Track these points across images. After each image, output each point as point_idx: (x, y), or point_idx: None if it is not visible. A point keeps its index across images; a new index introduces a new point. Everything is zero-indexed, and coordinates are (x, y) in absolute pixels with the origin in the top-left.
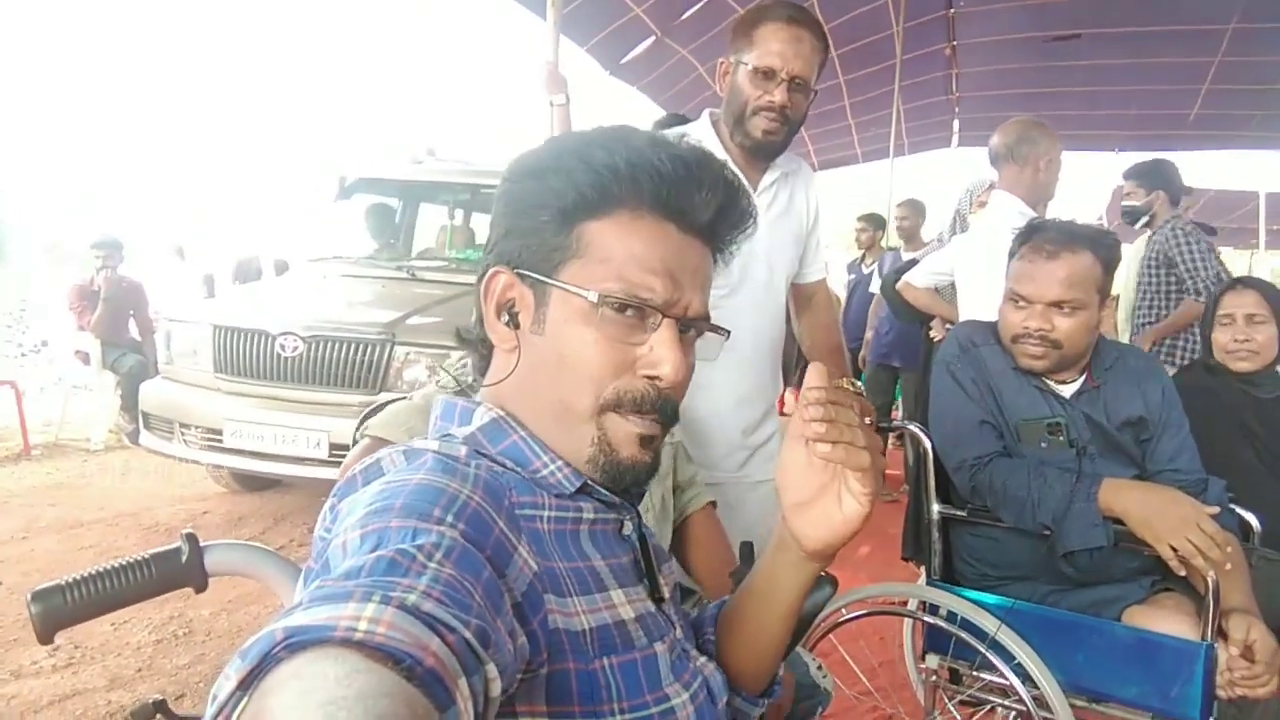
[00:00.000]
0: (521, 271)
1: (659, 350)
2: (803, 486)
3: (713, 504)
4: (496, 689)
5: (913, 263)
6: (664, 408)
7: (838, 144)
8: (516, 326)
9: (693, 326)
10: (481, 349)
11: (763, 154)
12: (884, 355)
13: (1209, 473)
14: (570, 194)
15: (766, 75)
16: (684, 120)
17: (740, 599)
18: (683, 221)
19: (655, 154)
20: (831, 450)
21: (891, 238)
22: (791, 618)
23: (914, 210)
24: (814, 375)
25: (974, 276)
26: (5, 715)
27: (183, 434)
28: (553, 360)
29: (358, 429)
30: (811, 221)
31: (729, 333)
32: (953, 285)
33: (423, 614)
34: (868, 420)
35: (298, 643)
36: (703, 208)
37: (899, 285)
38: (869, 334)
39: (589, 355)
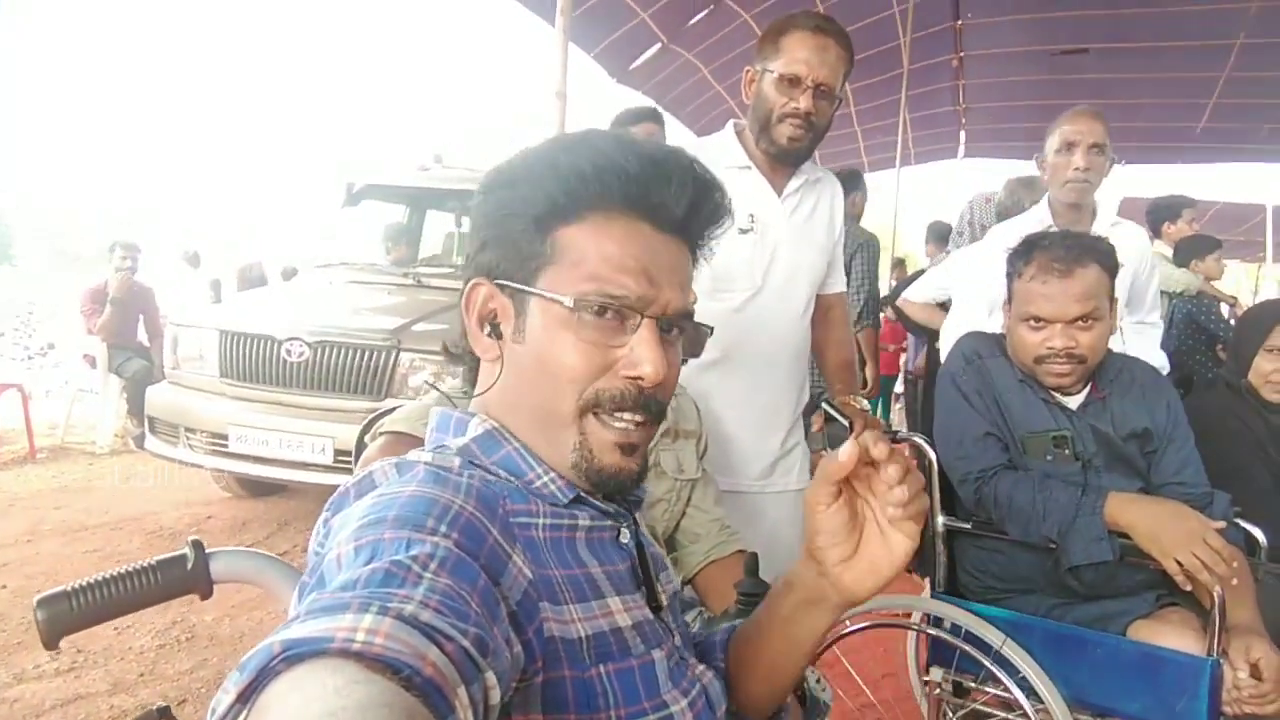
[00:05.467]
0: (501, 282)
1: (639, 350)
2: (846, 543)
3: (740, 552)
4: (495, 696)
5: (919, 274)
6: (647, 405)
7: (843, 151)
8: (499, 337)
9: (675, 326)
10: (469, 361)
11: (788, 160)
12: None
13: (1220, 487)
14: (541, 201)
15: (792, 83)
16: (650, 114)
17: (759, 642)
18: (656, 219)
19: (621, 154)
20: (913, 511)
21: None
22: (812, 655)
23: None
24: (877, 440)
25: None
26: (9, 719)
27: (188, 438)
28: (534, 367)
29: (365, 433)
30: (837, 233)
31: (712, 329)
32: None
33: (420, 623)
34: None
35: (295, 654)
36: (674, 203)
37: (899, 301)
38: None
39: (568, 359)
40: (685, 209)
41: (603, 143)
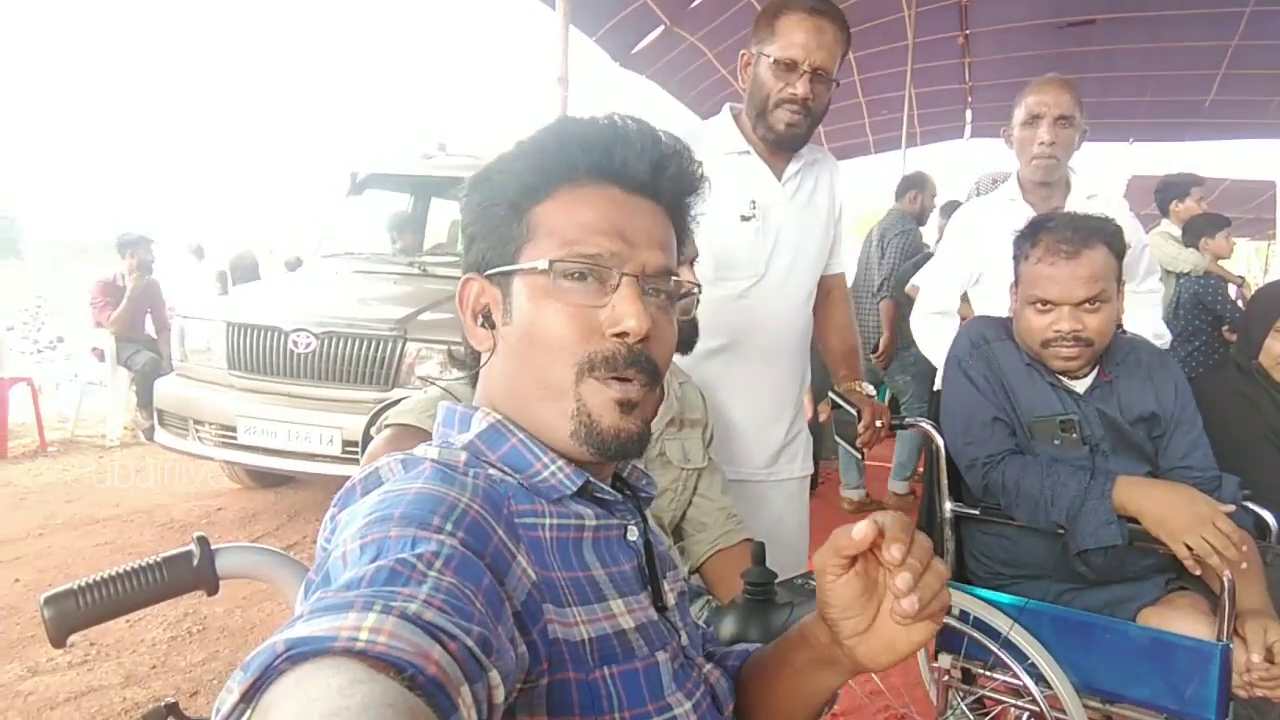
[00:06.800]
0: (489, 272)
1: (620, 306)
2: (861, 616)
3: (747, 540)
4: (500, 696)
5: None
6: (638, 362)
7: (849, 128)
8: (493, 326)
9: (659, 288)
10: (472, 362)
11: (786, 146)
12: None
13: (1229, 470)
14: (513, 185)
15: (789, 67)
16: None
17: (771, 685)
18: (624, 181)
19: (582, 127)
20: (921, 607)
21: None
22: (824, 706)
23: None
24: (895, 536)
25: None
26: (22, 712)
27: (197, 431)
28: (523, 342)
29: (371, 425)
30: (837, 212)
31: (700, 287)
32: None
33: (424, 622)
34: (879, 423)
35: (299, 654)
36: (636, 162)
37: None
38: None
39: (554, 327)
40: (649, 168)
41: (567, 123)
